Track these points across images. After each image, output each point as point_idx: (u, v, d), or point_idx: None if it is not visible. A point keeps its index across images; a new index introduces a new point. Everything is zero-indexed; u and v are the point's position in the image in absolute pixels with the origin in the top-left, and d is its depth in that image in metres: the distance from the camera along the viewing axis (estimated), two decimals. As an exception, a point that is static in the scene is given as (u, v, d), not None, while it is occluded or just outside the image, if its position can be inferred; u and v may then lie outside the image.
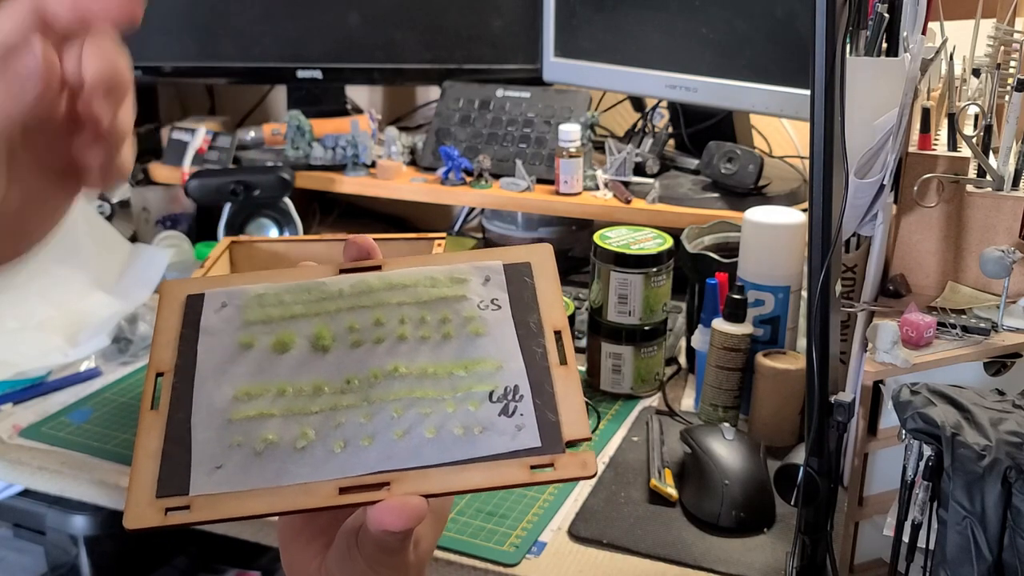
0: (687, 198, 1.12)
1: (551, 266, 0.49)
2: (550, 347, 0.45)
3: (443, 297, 0.46)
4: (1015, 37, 0.84)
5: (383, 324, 0.45)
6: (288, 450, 0.41)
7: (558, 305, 0.46)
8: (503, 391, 0.43)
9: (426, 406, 0.42)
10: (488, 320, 0.45)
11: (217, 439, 0.42)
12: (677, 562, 0.70)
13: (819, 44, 0.53)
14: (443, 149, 1.20)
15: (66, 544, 1.02)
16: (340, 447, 0.41)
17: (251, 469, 0.41)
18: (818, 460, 0.60)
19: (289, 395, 0.43)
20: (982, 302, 0.73)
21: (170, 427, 0.42)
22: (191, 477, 0.41)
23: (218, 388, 0.44)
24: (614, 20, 1.20)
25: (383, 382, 0.43)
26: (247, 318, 0.46)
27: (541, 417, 0.42)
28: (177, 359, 0.45)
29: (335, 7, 1.30)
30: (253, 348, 0.45)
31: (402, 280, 0.47)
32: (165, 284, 0.49)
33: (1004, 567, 0.54)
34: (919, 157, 0.75)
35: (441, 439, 0.41)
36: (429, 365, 0.44)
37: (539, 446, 0.41)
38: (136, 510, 0.40)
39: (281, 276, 0.48)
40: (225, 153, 1.29)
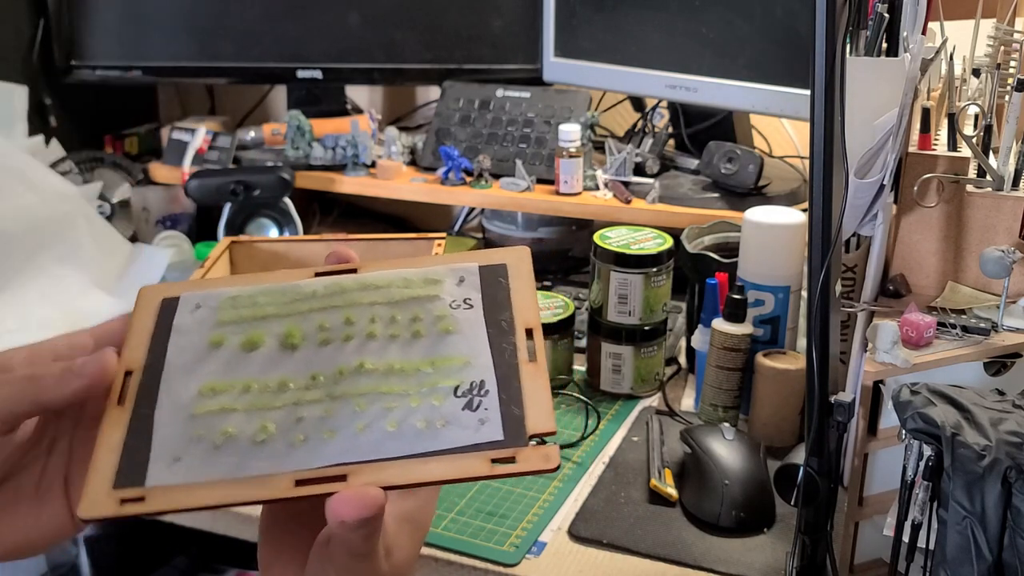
0: (687, 198, 1.12)
1: (527, 268, 0.48)
2: (520, 345, 0.44)
3: (415, 297, 0.46)
4: (1015, 37, 0.84)
5: (353, 323, 0.45)
6: (247, 443, 0.41)
7: (532, 305, 0.46)
8: (468, 386, 0.42)
9: (390, 401, 0.42)
10: (459, 319, 0.45)
11: (178, 433, 0.42)
12: (677, 562, 0.70)
13: (819, 44, 0.53)
14: (443, 149, 1.20)
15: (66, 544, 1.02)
16: (300, 440, 0.41)
17: (209, 462, 0.41)
18: (818, 460, 0.60)
19: (254, 391, 0.43)
20: (982, 302, 0.73)
21: (133, 421, 0.42)
22: (148, 469, 0.41)
23: (184, 385, 0.44)
24: (614, 20, 1.20)
25: (348, 378, 0.43)
26: (220, 319, 0.46)
27: (506, 411, 0.41)
28: (147, 357, 0.45)
29: (335, 7, 1.30)
30: (222, 346, 0.45)
31: (375, 281, 0.47)
32: (143, 289, 0.49)
33: (1004, 567, 0.54)
34: (919, 157, 0.75)
35: (402, 432, 0.41)
36: (396, 361, 0.43)
37: (502, 439, 0.40)
38: (91, 500, 0.40)
39: (257, 279, 0.49)
40: (225, 153, 1.29)
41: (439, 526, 0.74)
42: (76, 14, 1.32)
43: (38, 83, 1.30)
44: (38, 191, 1.09)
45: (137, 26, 1.33)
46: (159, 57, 1.34)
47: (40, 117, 1.31)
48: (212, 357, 0.45)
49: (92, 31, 1.33)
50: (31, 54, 1.30)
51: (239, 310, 0.47)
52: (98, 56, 1.33)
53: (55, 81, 1.32)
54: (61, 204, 1.11)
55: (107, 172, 1.32)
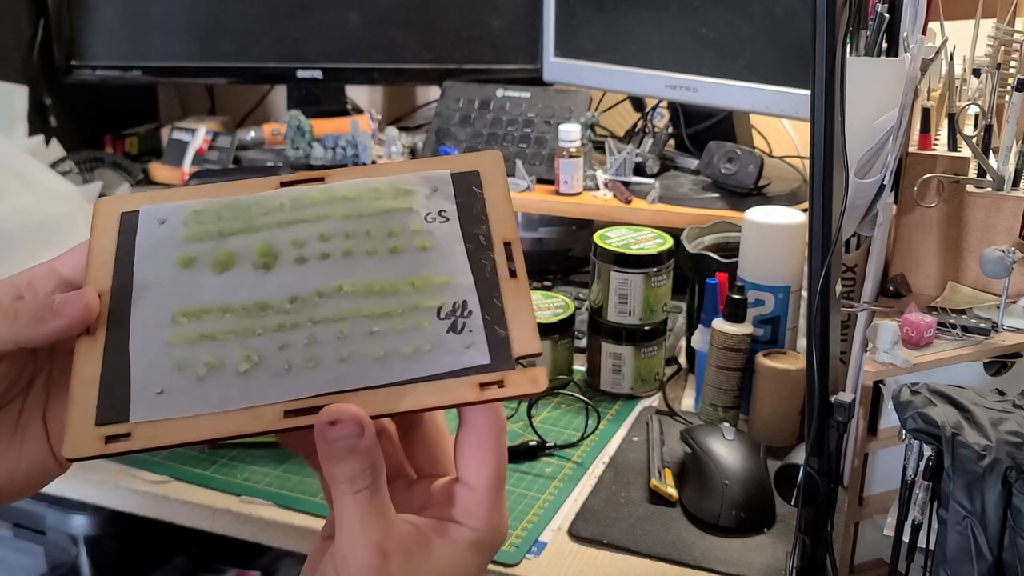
0: (687, 198, 1.12)
1: (501, 175, 0.47)
2: (499, 260, 0.43)
3: (389, 210, 0.44)
4: (1015, 37, 0.84)
5: (327, 239, 0.43)
6: (231, 374, 0.40)
7: (508, 216, 0.45)
8: (451, 307, 0.41)
9: (373, 324, 0.41)
10: (435, 233, 0.44)
11: (157, 363, 0.40)
12: (677, 562, 0.70)
13: (819, 44, 0.53)
14: (443, 149, 1.20)
15: (66, 544, 1.02)
16: (284, 370, 0.40)
17: (194, 394, 0.39)
18: (818, 460, 0.60)
19: (231, 316, 0.41)
20: (982, 302, 0.73)
21: (108, 352, 0.41)
22: (131, 403, 0.39)
23: (156, 310, 0.42)
24: (614, 20, 1.20)
25: (328, 300, 0.41)
26: (185, 235, 0.44)
27: (490, 333, 0.40)
28: (113, 280, 0.43)
29: (335, 7, 1.30)
30: (192, 267, 0.43)
31: (345, 193, 0.45)
32: (98, 202, 0.47)
33: (1004, 567, 0.54)
34: (919, 157, 0.75)
35: (389, 359, 0.40)
36: (375, 282, 0.42)
37: (488, 363, 0.39)
38: (75, 440, 0.38)
39: (220, 191, 0.46)
40: (225, 153, 1.29)
41: (439, 526, 0.74)
42: (76, 14, 1.32)
43: (38, 83, 1.30)
44: (38, 191, 1.09)
45: (137, 26, 1.33)
46: (159, 57, 1.34)
47: (40, 117, 1.31)
48: (183, 279, 0.43)
49: (92, 31, 1.33)
50: (31, 54, 1.30)
51: (205, 225, 0.44)
52: (98, 56, 1.33)
53: (55, 81, 1.32)
54: (61, 204, 1.11)
55: (107, 172, 1.32)
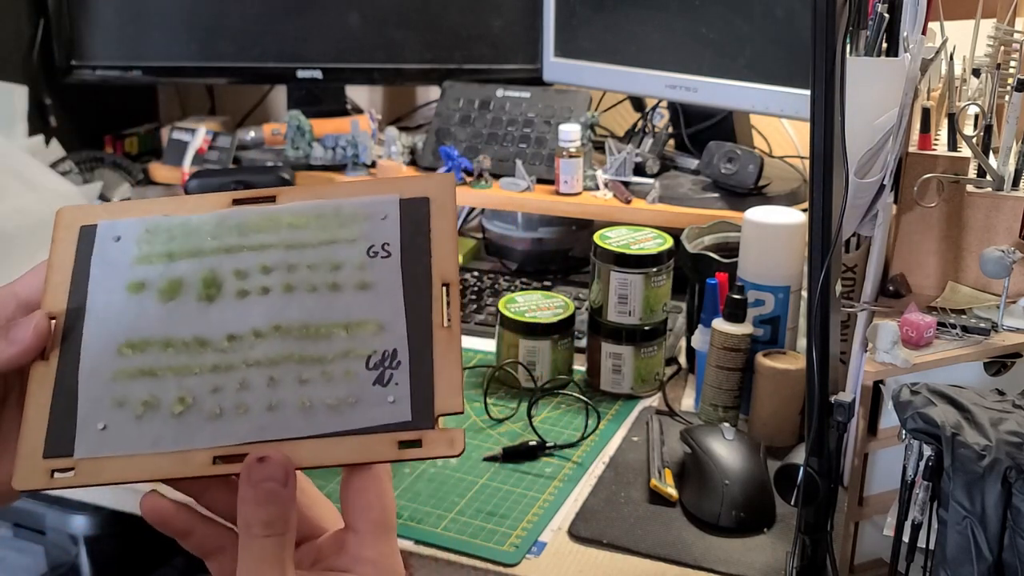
0: (687, 198, 1.12)
1: (451, 202, 0.47)
2: (436, 305, 0.44)
3: (333, 241, 0.46)
4: (1015, 37, 0.84)
5: (269, 272, 0.45)
6: (166, 415, 0.42)
7: (451, 252, 0.45)
8: (381, 356, 0.42)
9: (304, 370, 0.42)
10: (376, 270, 0.45)
11: (101, 397, 0.42)
12: (677, 562, 0.70)
13: (819, 44, 0.53)
14: (443, 149, 1.20)
15: (66, 544, 1.02)
16: (216, 415, 0.42)
17: (131, 433, 0.42)
18: (818, 460, 0.60)
19: (172, 351, 0.43)
20: (982, 302, 0.73)
21: (58, 379, 0.43)
22: (76, 438, 0.42)
23: (104, 339, 0.44)
24: (614, 20, 1.20)
25: (263, 342, 0.43)
26: (137, 256, 0.46)
27: (415, 387, 0.42)
28: (68, 301, 0.45)
29: (335, 7, 1.30)
30: (141, 293, 0.45)
31: (292, 220, 0.47)
32: (61, 211, 0.48)
33: (1004, 567, 0.54)
34: (919, 157, 0.75)
35: (314, 410, 0.42)
36: (311, 324, 0.44)
37: (410, 420, 0.41)
38: (24, 471, 0.41)
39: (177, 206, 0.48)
40: (225, 153, 1.29)
41: (439, 526, 0.74)
42: (76, 14, 1.32)
43: (38, 83, 1.30)
44: (38, 191, 1.10)
45: (137, 26, 1.33)
46: (159, 57, 1.34)
47: (40, 117, 1.31)
48: (132, 306, 0.45)
49: (92, 31, 1.33)
50: (31, 54, 1.30)
51: (156, 247, 0.46)
52: (98, 56, 1.33)
53: (55, 81, 1.32)
54: (61, 204, 1.10)
55: (107, 172, 1.32)
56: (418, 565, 0.72)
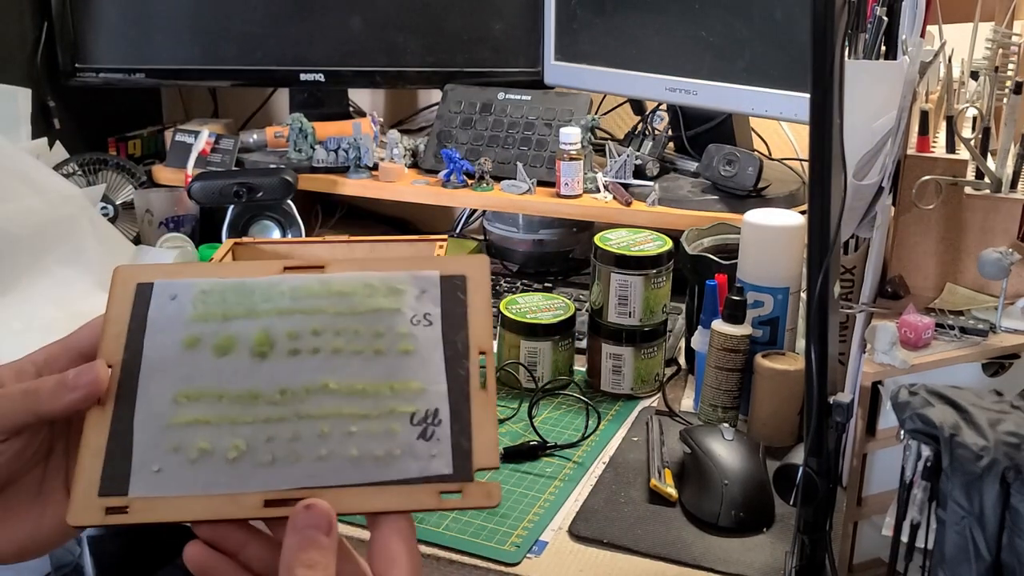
0: (687, 200, 1.13)
1: (485, 281, 0.51)
2: (473, 371, 0.47)
3: (379, 309, 0.49)
4: (1013, 40, 0.85)
5: (319, 334, 0.48)
6: (220, 460, 0.44)
7: (487, 324, 0.49)
8: (424, 414, 0.45)
9: (352, 424, 0.45)
10: (419, 338, 0.48)
11: (156, 443, 0.45)
12: (677, 561, 0.71)
13: (818, 47, 0.54)
14: (445, 152, 1.21)
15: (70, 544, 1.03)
16: (269, 462, 0.44)
17: (186, 476, 0.44)
18: (817, 460, 0.60)
19: (226, 401, 0.46)
20: (980, 303, 0.74)
21: (114, 424, 0.45)
22: (131, 478, 0.43)
23: (160, 389, 0.46)
24: (614, 24, 1.20)
25: (314, 397, 0.46)
26: (193, 315, 0.48)
27: (456, 444, 0.45)
28: (124, 353, 0.47)
29: (337, 11, 1.31)
30: (196, 348, 0.47)
31: (341, 287, 0.50)
32: (118, 269, 0.50)
33: (1002, 567, 0.54)
34: (917, 159, 0.76)
35: (362, 460, 0.44)
36: (358, 382, 0.46)
37: (451, 473, 0.44)
38: (79, 507, 0.43)
39: (230, 270, 0.51)
40: (228, 155, 1.30)
41: (440, 526, 0.74)
42: (80, 17, 1.32)
43: (42, 86, 1.31)
44: (42, 193, 1.10)
45: (140, 29, 1.33)
46: (162, 60, 1.34)
47: (44, 119, 1.31)
48: (187, 359, 0.47)
49: (96, 34, 1.33)
50: (35, 57, 1.31)
51: (210, 307, 0.49)
52: (102, 59, 1.34)
53: (59, 84, 1.33)
54: (65, 206, 1.11)
55: (111, 174, 1.32)
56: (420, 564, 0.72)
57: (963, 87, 0.88)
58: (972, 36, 0.88)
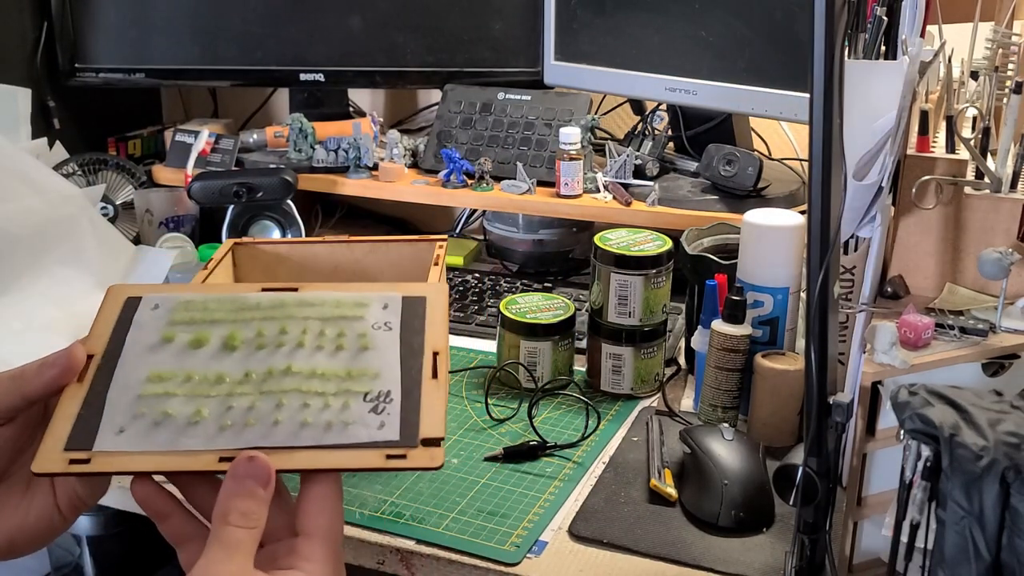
0: (687, 200, 1.13)
1: (443, 302, 0.56)
2: (426, 365, 0.52)
3: (343, 316, 0.54)
4: (1013, 40, 0.85)
5: (286, 332, 0.53)
6: (182, 423, 0.48)
7: (442, 332, 0.54)
8: (376, 394, 0.50)
9: (309, 399, 0.49)
10: (377, 338, 0.53)
11: (125, 409, 0.49)
12: (677, 561, 0.71)
13: (818, 47, 0.54)
14: (444, 151, 1.21)
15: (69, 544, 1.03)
16: (227, 425, 0.48)
17: (148, 435, 0.47)
18: (817, 460, 0.60)
19: (194, 381, 0.50)
20: (980, 303, 0.74)
21: (89, 396, 0.49)
22: (96, 436, 0.47)
23: (135, 369, 0.51)
24: (614, 23, 1.20)
25: (276, 377, 0.50)
26: (173, 318, 0.54)
27: (404, 418, 0.49)
28: (108, 345, 0.52)
29: (337, 10, 1.31)
30: (173, 342, 0.53)
31: (311, 300, 0.55)
32: (112, 287, 0.56)
33: (1002, 567, 0.54)
34: (917, 159, 0.76)
35: (314, 426, 0.48)
36: (319, 367, 0.51)
37: (397, 440, 0.47)
38: (44, 457, 0.46)
39: (211, 289, 0.57)
40: (228, 155, 1.30)
41: (440, 525, 0.74)
42: (80, 17, 1.32)
43: (42, 86, 1.31)
44: (42, 193, 1.10)
45: (140, 29, 1.33)
46: (162, 60, 1.34)
47: (44, 120, 1.31)
48: (163, 349, 0.52)
49: (96, 34, 1.33)
50: (35, 57, 1.31)
51: (191, 312, 0.54)
52: (101, 59, 1.34)
53: (59, 84, 1.33)
54: (65, 206, 1.11)
55: (111, 174, 1.33)
56: (419, 564, 0.72)
57: (963, 87, 0.89)
58: (972, 36, 0.88)
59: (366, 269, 0.88)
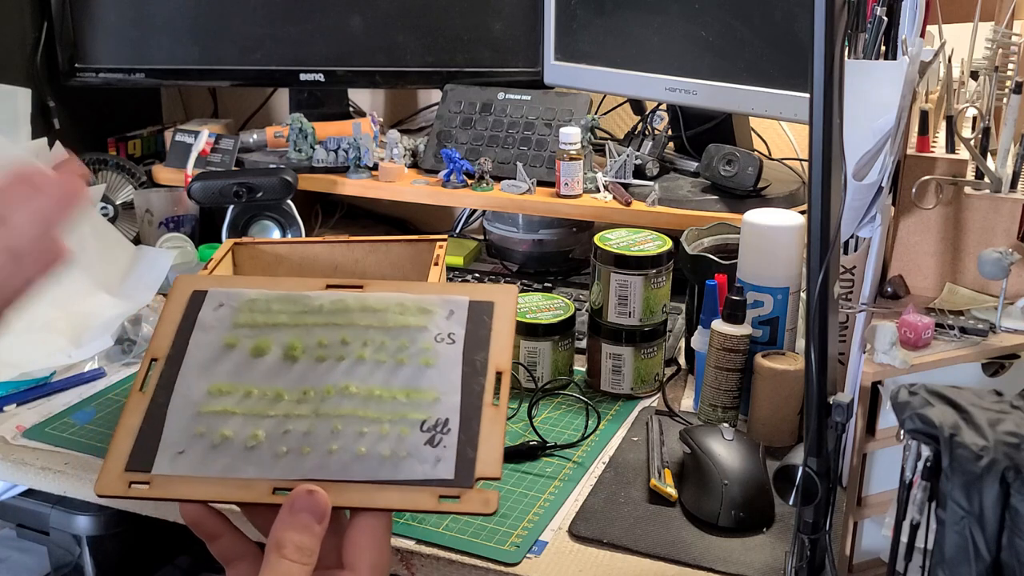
0: (687, 200, 1.13)
1: (512, 308, 0.54)
2: (488, 387, 0.51)
3: (407, 325, 0.53)
4: (1013, 40, 0.85)
5: (348, 343, 0.52)
6: (240, 447, 0.48)
7: (507, 347, 0.53)
8: (434, 422, 0.49)
9: (365, 425, 0.48)
10: (440, 353, 0.52)
11: (185, 427, 0.49)
12: (677, 561, 0.71)
13: (818, 47, 0.54)
14: (444, 151, 1.21)
15: (69, 544, 1.03)
16: (283, 452, 0.47)
17: (206, 459, 0.47)
18: (817, 460, 0.60)
19: (254, 397, 0.50)
20: (980, 303, 0.74)
21: (150, 409, 0.49)
22: (156, 457, 0.47)
23: (197, 381, 0.51)
24: (614, 23, 1.20)
25: (334, 398, 0.50)
26: (237, 320, 0.53)
27: (461, 452, 0.47)
28: (171, 349, 0.52)
29: (337, 10, 1.31)
30: (235, 349, 0.52)
31: (375, 304, 0.54)
32: (179, 278, 0.56)
33: (1002, 567, 0.54)
34: (917, 159, 0.76)
35: (369, 458, 0.47)
36: (377, 387, 0.50)
37: (451, 479, 0.46)
38: (106, 479, 0.47)
39: (276, 284, 0.55)
40: (228, 155, 1.30)
41: (440, 525, 0.74)
42: (80, 17, 1.32)
43: (42, 86, 1.31)
44: (42, 193, 1.10)
45: (140, 29, 1.33)
46: (162, 60, 1.34)
47: (44, 120, 1.31)
48: (225, 358, 0.52)
49: (96, 34, 1.33)
50: (35, 57, 1.31)
51: (254, 314, 0.53)
52: (101, 59, 1.34)
53: (59, 84, 1.33)
54: (65, 206, 1.11)
55: (110, 174, 1.33)
56: (419, 564, 0.72)
57: (963, 87, 0.88)
58: (972, 36, 0.88)
59: (366, 269, 0.88)
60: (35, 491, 0.89)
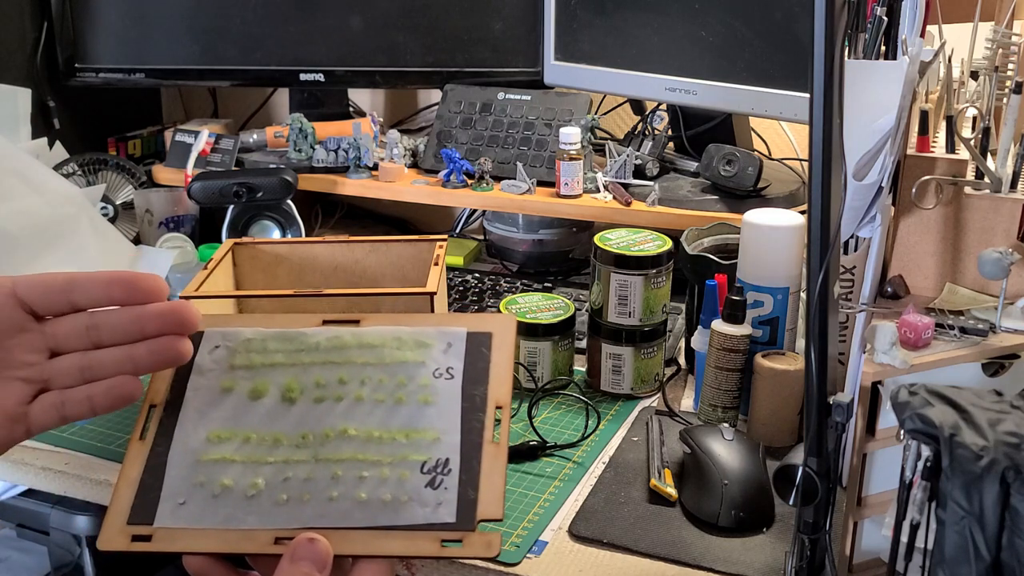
0: (687, 200, 1.13)
1: (510, 338, 0.54)
2: (488, 423, 0.50)
3: (404, 361, 0.52)
4: (1013, 40, 0.85)
5: (345, 383, 0.52)
6: (240, 497, 0.48)
7: (507, 380, 0.52)
8: (435, 463, 0.48)
9: (365, 469, 0.48)
10: (439, 390, 0.51)
11: (185, 476, 0.49)
12: (677, 561, 0.71)
13: (818, 47, 0.54)
14: (444, 151, 1.21)
15: (69, 544, 1.03)
16: (283, 500, 0.48)
17: (207, 510, 0.48)
18: (817, 460, 0.60)
19: (252, 443, 0.50)
20: (980, 303, 0.74)
21: (150, 458, 0.50)
22: (158, 509, 0.48)
23: (196, 428, 0.51)
24: (614, 23, 1.20)
25: (333, 442, 0.49)
26: (233, 362, 0.53)
27: (462, 494, 0.47)
28: (168, 394, 0.52)
29: (337, 10, 1.31)
30: (232, 393, 0.52)
31: (371, 340, 0.53)
32: None
33: (1002, 567, 0.54)
34: (917, 159, 0.76)
35: (370, 504, 0.47)
36: (375, 430, 0.50)
37: (453, 522, 0.46)
38: (109, 533, 0.47)
39: (272, 321, 0.55)
40: (228, 155, 1.30)
41: (440, 526, 0.74)
42: (79, 17, 1.32)
43: (42, 86, 1.31)
44: (42, 193, 1.10)
45: (140, 29, 1.34)
46: (162, 60, 1.34)
47: (44, 120, 1.31)
48: (223, 403, 0.52)
49: (95, 34, 1.33)
50: (35, 57, 1.31)
51: (251, 355, 0.53)
52: (101, 59, 1.34)
53: (59, 84, 1.33)
54: (65, 206, 1.11)
55: (110, 174, 1.33)
56: (419, 564, 0.72)
57: (963, 87, 0.89)
58: (972, 36, 0.88)
59: (366, 269, 0.88)
60: (35, 491, 0.89)
